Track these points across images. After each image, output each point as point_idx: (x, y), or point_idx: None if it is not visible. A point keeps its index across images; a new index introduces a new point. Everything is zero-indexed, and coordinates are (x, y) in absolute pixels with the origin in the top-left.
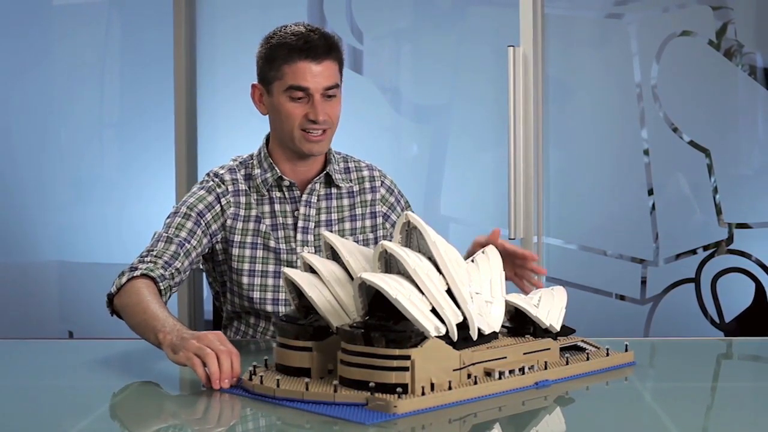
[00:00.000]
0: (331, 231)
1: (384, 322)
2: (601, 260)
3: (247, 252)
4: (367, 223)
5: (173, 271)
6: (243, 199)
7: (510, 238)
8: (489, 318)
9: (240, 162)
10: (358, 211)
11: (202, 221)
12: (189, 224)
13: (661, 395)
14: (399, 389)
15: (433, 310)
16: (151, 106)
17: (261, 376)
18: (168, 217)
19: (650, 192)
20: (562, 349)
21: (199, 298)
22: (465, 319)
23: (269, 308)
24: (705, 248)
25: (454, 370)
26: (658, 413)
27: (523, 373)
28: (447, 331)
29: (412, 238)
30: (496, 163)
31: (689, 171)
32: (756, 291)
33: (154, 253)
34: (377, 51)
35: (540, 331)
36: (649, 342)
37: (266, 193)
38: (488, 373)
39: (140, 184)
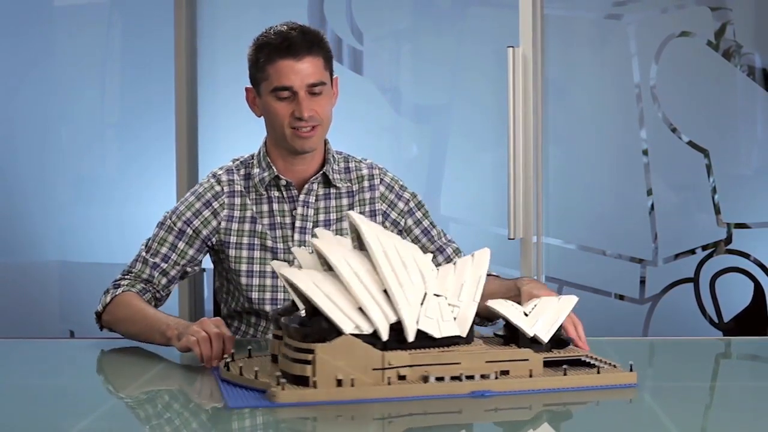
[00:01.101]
0: (330, 231)
1: (314, 317)
2: (600, 260)
3: (245, 252)
4: None
5: (152, 290)
6: (238, 200)
7: (509, 238)
8: (447, 322)
9: (240, 162)
10: (357, 210)
11: (188, 229)
12: (170, 238)
13: (660, 395)
14: (282, 380)
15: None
16: (152, 106)
17: (240, 367)
18: (156, 226)
19: (649, 192)
20: (565, 362)
21: (199, 298)
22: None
23: (268, 308)
24: (704, 248)
25: (373, 369)
26: (657, 412)
27: (460, 381)
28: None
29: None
30: (496, 163)
31: (688, 171)
32: (754, 291)
33: (133, 273)
34: (377, 51)
35: (525, 340)
36: (648, 341)
37: (264, 193)
38: (425, 377)
39: (141, 184)
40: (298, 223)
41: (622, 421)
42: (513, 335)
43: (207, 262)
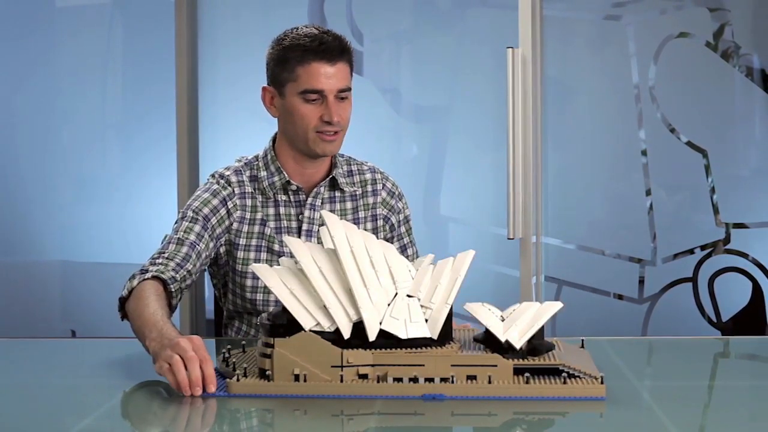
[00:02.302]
0: None
1: (283, 313)
2: (599, 260)
3: (252, 255)
4: (369, 225)
5: (185, 273)
6: (249, 202)
7: (509, 238)
8: (416, 323)
9: (245, 163)
10: (360, 214)
11: (208, 225)
12: (197, 227)
13: (659, 393)
14: (238, 372)
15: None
16: (153, 106)
17: (234, 362)
18: (176, 222)
19: (648, 192)
20: (539, 371)
21: (200, 298)
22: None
23: (272, 310)
24: (702, 248)
25: (332, 366)
26: (655, 411)
27: (416, 383)
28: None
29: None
30: (496, 164)
31: (687, 171)
32: (753, 290)
33: (166, 255)
34: (377, 52)
35: (497, 345)
36: (646, 341)
37: (272, 196)
38: (381, 378)
39: (142, 184)
40: (304, 227)
41: (622, 421)
42: (491, 340)
43: None
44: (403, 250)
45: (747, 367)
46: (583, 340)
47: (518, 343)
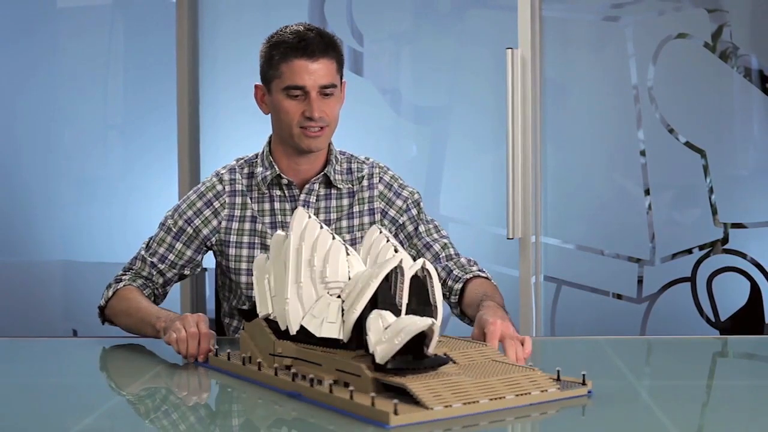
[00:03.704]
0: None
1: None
2: (598, 259)
3: (245, 251)
4: (365, 220)
5: (151, 287)
6: (239, 199)
7: (508, 238)
8: (332, 324)
9: (244, 161)
10: (356, 208)
11: (188, 228)
12: (168, 239)
13: (658, 393)
14: (217, 348)
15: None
16: (154, 107)
17: (228, 352)
18: (158, 226)
19: (647, 192)
20: (388, 388)
21: (201, 298)
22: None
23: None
24: (701, 248)
25: (270, 354)
26: (654, 411)
27: (293, 380)
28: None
29: None
30: (495, 164)
31: (685, 171)
32: (751, 290)
33: (133, 270)
34: (377, 53)
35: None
36: (645, 340)
37: (266, 191)
38: (288, 367)
39: (143, 184)
40: None
41: (619, 419)
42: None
43: (208, 262)
44: (416, 229)
45: (745, 367)
46: (559, 369)
47: (377, 358)
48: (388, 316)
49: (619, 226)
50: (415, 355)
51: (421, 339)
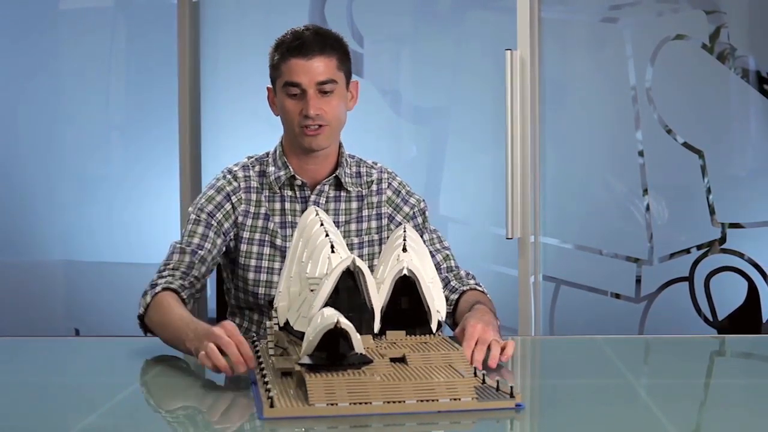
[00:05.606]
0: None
1: None
2: (596, 259)
3: (255, 248)
4: (373, 224)
5: (192, 279)
6: (254, 196)
7: (507, 238)
8: (306, 319)
9: (256, 159)
10: (365, 212)
11: (213, 221)
12: (200, 229)
13: (656, 392)
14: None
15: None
16: (155, 108)
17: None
18: (184, 226)
19: (645, 192)
20: None
21: (202, 297)
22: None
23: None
24: (699, 248)
25: (276, 345)
26: (652, 410)
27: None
28: None
29: None
30: (494, 164)
31: (683, 172)
32: (748, 289)
33: (171, 265)
34: (377, 54)
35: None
36: (643, 339)
37: (278, 191)
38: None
39: (145, 184)
40: None
41: (618, 418)
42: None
43: None
44: (432, 242)
45: (742, 365)
46: (484, 373)
47: (300, 354)
48: (326, 313)
49: (617, 226)
50: (333, 352)
51: (343, 337)
